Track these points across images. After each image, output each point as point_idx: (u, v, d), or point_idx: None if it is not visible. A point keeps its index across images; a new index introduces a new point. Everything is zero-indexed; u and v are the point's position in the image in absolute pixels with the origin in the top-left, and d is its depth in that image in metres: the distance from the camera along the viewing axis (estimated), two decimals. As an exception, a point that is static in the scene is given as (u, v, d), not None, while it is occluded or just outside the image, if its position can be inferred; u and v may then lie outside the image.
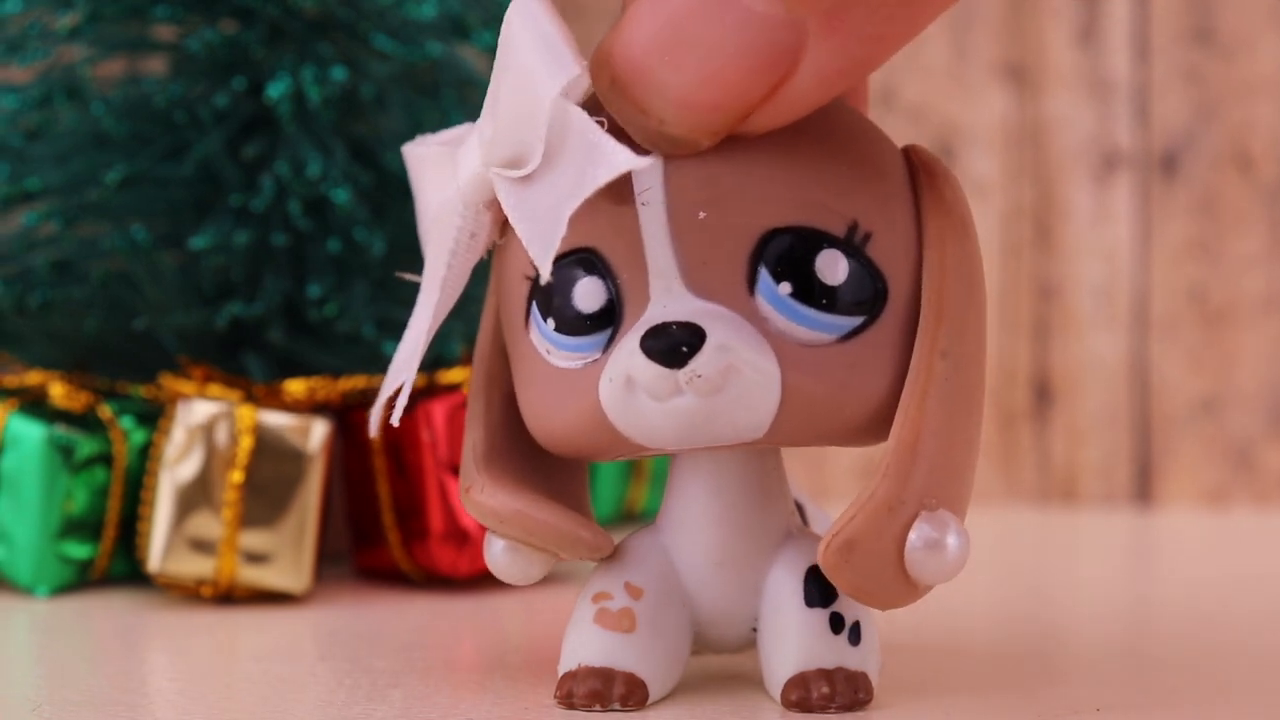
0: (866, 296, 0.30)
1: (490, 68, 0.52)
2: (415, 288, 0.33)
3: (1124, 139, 0.69)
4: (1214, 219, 0.68)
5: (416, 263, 0.34)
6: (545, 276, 0.29)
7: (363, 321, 0.48)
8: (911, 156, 0.32)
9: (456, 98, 0.50)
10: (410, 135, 0.46)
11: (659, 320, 0.30)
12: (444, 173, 0.32)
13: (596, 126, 0.29)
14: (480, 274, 0.33)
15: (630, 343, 0.30)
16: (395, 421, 0.32)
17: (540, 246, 0.29)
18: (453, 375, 0.47)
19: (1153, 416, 0.69)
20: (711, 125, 0.29)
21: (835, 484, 0.70)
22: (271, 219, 0.48)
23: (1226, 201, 0.68)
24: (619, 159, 0.28)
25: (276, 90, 0.47)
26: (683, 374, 0.29)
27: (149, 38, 0.49)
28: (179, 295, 0.48)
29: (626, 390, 0.30)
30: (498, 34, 0.51)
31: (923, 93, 0.70)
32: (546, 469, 0.33)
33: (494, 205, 0.31)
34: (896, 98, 0.70)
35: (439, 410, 0.46)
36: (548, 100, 0.29)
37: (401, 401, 0.32)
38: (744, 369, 0.29)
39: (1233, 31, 0.68)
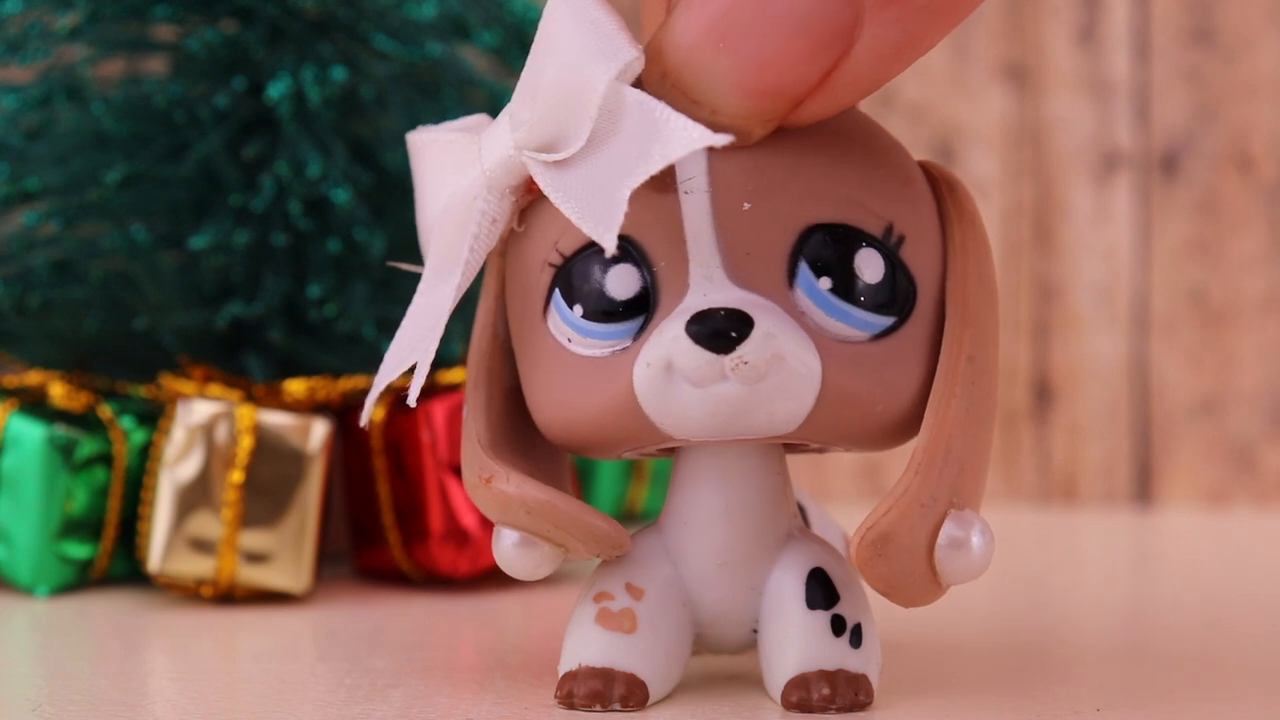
0: (899, 298, 0.31)
1: (490, 68, 0.52)
2: (415, 288, 0.33)
3: (1124, 139, 0.69)
4: (1214, 219, 0.68)
5: (417, 262, 0.34)
6: (610, 250, 0.29)
7: (363, 321, 0.48)
8: (930, 170, 0.32)
9: (456, 98, 0.50)
10: (410, 135, 0.46)
11: (704, 306, 0.30)
12: (459, 159, 0.32)
13: (662, 105, 0.29)
14: (480, 272, 0.33)
15: (672, 328, 0.30)
16: (412, 402, 0.32)
17: (599, 223, 0.29)
18: (452, 375, 0.47)
19: (1153, 416, 0.69)
20: (766, 112, 0.29)
21: (835, 484, 0.70)
22: (271, 219, 0.48)
23: (1226, 201, 0.68)
24: (692, 134, 0.28)
25: (276, 90, 0.47)
26: (729, 360, 0.29)
27: (149, 38, 0.49)
28: (179, 295, 0.48)
29: (665, 376, 0.30)
30: (498, 34, 0.51)
31: (923, 93, 0.70)
32: (539, 468, 0.33)
33: (518, 190, 0.31)
34: (896, 98, 0.70)
35: (439, 410, 0.46)
36: (600, 84, 0.29)
37: (418, 381, 0.32)
38: (788, 359, 0.29)
39: (1233, 31, 0.68)
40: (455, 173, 0.32)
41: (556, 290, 0.31)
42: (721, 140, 0.28)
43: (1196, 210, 0.68)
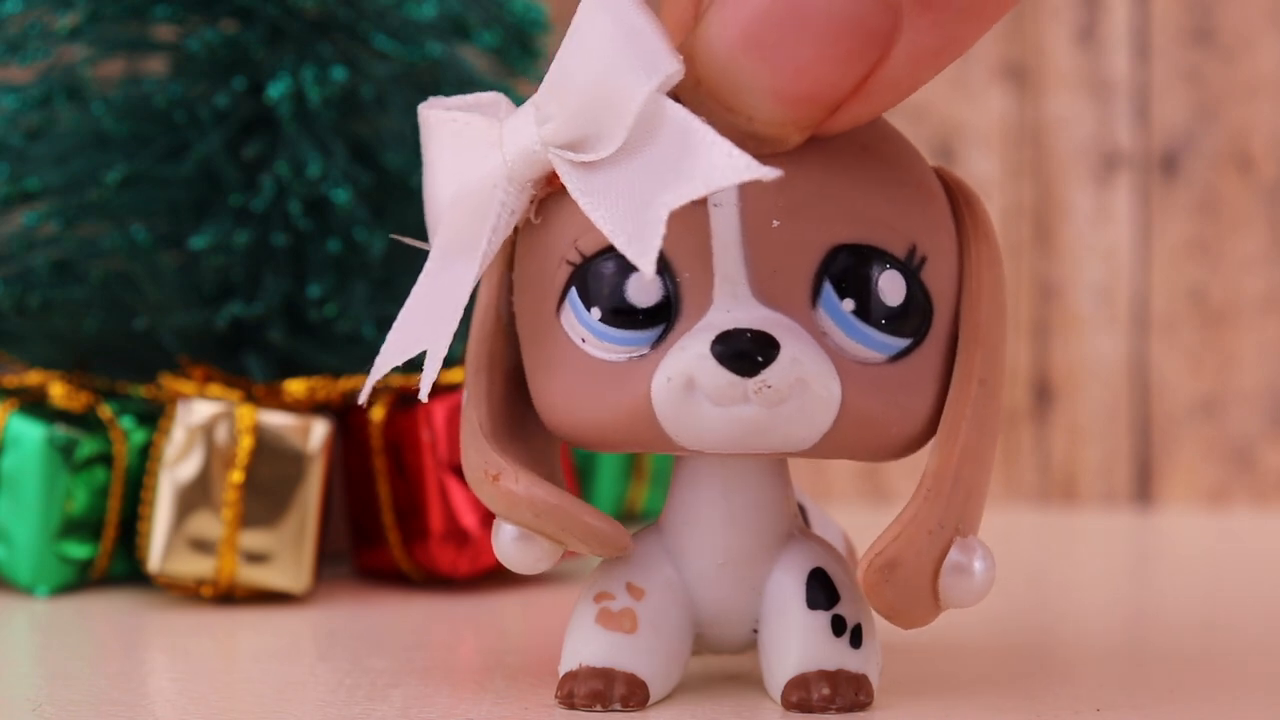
0: (918, 319, 0.31)
1: (490, 68, 0.52)
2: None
3: (1124, 139, 0.69)
4: (1214, 219, 0.68)
5: (416, 263, 0.34)
6: (649, 275, 0.29)
7: (363, 321, 0.48)
8: (945, 179, 0.32)
9: (456, 98, 0.50)
10: (410, 135, 0.46)
11: (729, 326, 0.29)
12: (475, 141, 0.31)
13: (706, 127, 0.28)
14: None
15: (695, 344, 0.30)
16: (424, 397, 0.31)
17: (636, 242, 0.29)
18: (452, 375, 0.47)
19: (1153, 416, 0.69)
20: (803, 119, 0.29)
21: (836, 485, 0.70)
22: (271, 219, 0.48)
23: (1226, 201, 0.68)
24: (739, 165, 0.28)
25: (276, 90, 0.47)
26: (752, 383, 0.29)
27: (149, 38, 0.49)
28: (179, 295, 0.48)
29: (685, 392, 0.30)
30: (498, 34, 0.51)
31: (923, 93, 0.70)
32: (536, 451, 0.33)
33: (537, 183, 0.31)
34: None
35: (439, 410, 0.46)
36: (640, 95, 0.29)
37: (430, 372, 0.31)
38: (812, 383, 0.29)
39: (1233, 31, 0.68)
40: (472, 157, 0.31)
41: (573, 289, 0.31)
42: (770, 174, 0.28)
43: (1196, 210, 0.68)
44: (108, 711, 0.33)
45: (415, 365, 0.32)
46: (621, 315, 0.31)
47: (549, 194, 0.31)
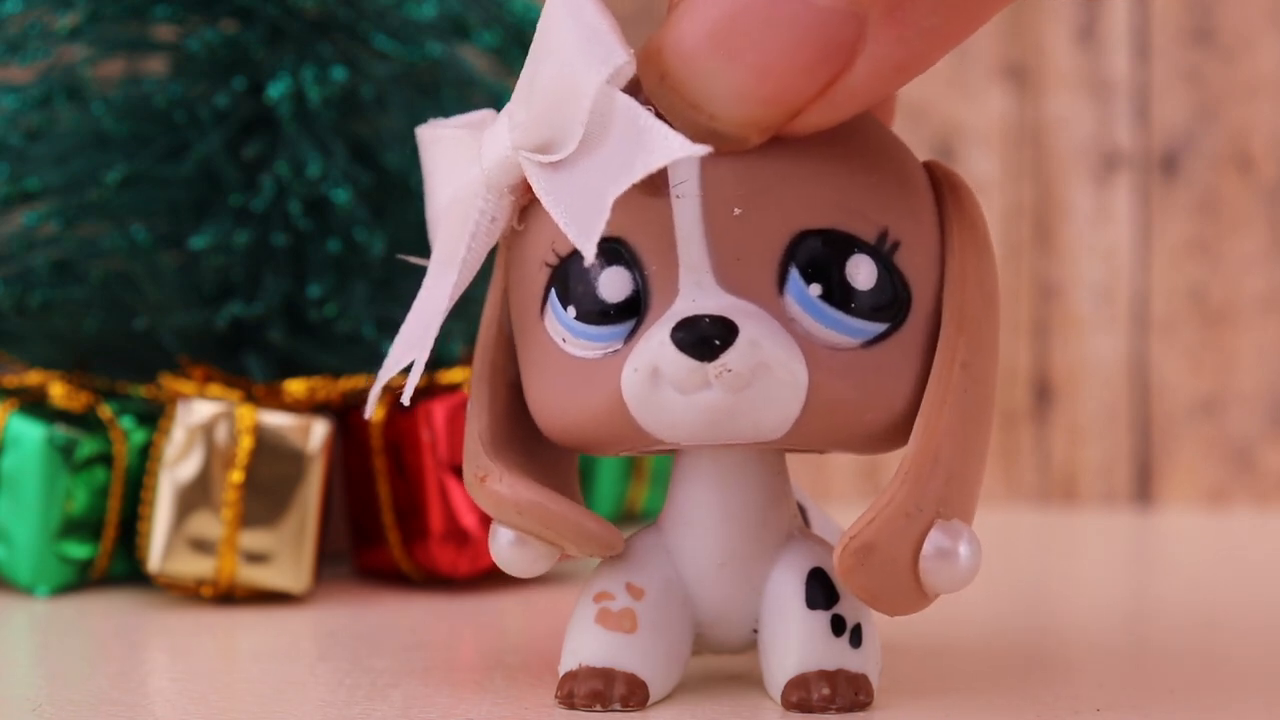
0: (892, 304, 0.31)
1: (490, 68, 0.52)
2: (415, 287, 0.33)
3: (1124, 139, 0.69)
4: (1214, 219, 0.68)
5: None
6: (590, 259, 0.29)
7: (363, 321, 0.48)
8: (933, 170, 0.32)
9: (456, 98, 0.50)
10: (410, 135, 0.46)
11: (690, 313, 0.30)
12: (465, 155, 0.32)
13: (646, 113, 0.29)
14: (483, 273, 0.33)
15: (659, 334, 0.30)
16: (406, 401, 0.32)
17: (582, 229, 0.29)
18: (453, 375, 0.47)
19: (1153, 416, 0.69)
20: (763, 121, 0.29)
21: (836, 485, 0.70)
22: (271, 219, 0.48)
23: (1226, 201, 0.68)
24: (672, 145, 0.28)
25: (276, 90, 0.47)
26: (712, 367, 0.29)
27: (149, 38, 0.49)
28: (179, 295, 0.48)
29: (651, 382, 0.30)
30: (498, 34, 0.51)
31: (923, 93, 0.70)
32: (543, 461, 0.33)
33: (517, 190, 0.31)
34: (896, 97, 0.70)
35: (439, 410, 0.46)
36: (592, 87, 0.29)
37: (414, 378, 0.32)
38: (774, 366, 0.29)
39: (1233, 31, 0.68)
40: (459, 169, 0.32)
41: (552, 290, 0.31)
42: (700, 150, 0.28)
43: (1196, 210, 0.68)
44: (108, 711, 0.33)
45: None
46: (595, 311, 0.31)
47: (530, 200, 0.32)
